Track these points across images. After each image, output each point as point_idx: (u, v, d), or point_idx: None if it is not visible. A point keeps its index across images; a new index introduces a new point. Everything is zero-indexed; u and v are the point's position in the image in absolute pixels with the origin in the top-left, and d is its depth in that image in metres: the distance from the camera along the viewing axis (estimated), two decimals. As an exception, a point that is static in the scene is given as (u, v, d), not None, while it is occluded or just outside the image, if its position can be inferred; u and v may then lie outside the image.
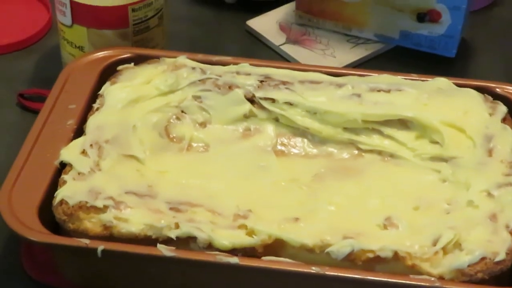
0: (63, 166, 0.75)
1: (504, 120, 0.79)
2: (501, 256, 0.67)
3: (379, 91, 0.81)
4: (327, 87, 0.81)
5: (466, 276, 0.67)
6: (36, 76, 0.98)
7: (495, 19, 1.09)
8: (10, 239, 0.78)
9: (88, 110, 0.80)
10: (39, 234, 0.69)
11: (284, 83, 0.82)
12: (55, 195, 0.72)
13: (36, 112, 0.88)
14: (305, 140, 0.81)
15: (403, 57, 1.01)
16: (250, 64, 0.84)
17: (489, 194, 0.72)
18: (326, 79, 0.82)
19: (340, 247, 0.68)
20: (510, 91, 0.83)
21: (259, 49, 1.02)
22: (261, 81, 0.82)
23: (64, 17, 0.89)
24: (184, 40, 1.02)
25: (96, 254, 0.68)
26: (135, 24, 0.89)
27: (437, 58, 1.00)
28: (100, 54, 0.86)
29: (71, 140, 0.77)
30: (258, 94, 0.81)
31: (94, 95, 0.82)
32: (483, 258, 0.67)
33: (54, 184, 0.73)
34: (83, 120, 0.79)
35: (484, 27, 1.07)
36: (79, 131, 0.78)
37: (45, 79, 0.95)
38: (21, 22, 1.04)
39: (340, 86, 0.81)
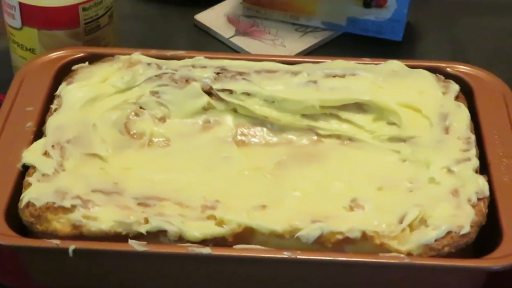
0: (26, 169, 0.74)
1: (457, 98, 0.81)
2: (466, 229, 0.69)
3: (334, 76, 0.82)
4: (283, 75, 0.82)
5: (434, 251, 0.68)
6: (-14, 81, 0.97)
7: (437, 1, 1.11)
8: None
9: (46, 111, 0.80)
10: (8, 237, 0.69)
11: (240, 73, 0.82)
12: (21, 197, 0.71)
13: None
14: (265, 129, 0.81)
15: (351, 43, 1.03)
16: (205, 57, 0.85)
17: (449, 171, 0.74)
18: (282, 67, 0.83)
19: (310, 231, 0.69)
20: (460, 70, 0.85)
21: (209, 43, 1.03)
22: (218, 73, 0.82)
23: (13, 20, 0.88)
24: (133, 38, 1.02)
25: (68, 255, 0.68)
26: (86, 23, 0.89)
27: (385, 43, 1.02)
28: (54, 55, 0.85)
29: (32, 142, 0.76)
30: (216, 86, 0.81)
31: (51, 96, 0.81)
32: (449, 232, 0.69)
33: (19, 187, 0.73)
34: (41, 122, 0.79)
35: (427, 10, 1.09)
36: (39, 133, 0.78)
37: (-5, 84, 0.94)
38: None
39: (295, 74, 0.82)
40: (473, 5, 1.11)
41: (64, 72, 0.84)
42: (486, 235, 0.71)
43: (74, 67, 0.84)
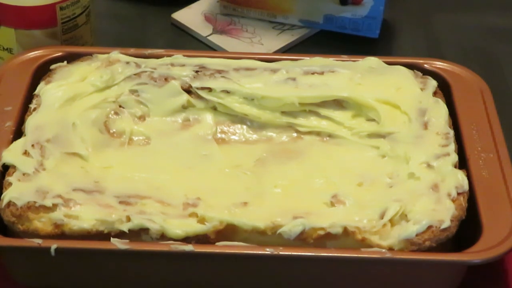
0: (6, 169, 0.74)
1: (435, 94, 0.82)
2: (446, 224, 0.69)
3: (313, 73, 0.83)
4: (262, 73, 0.83)
5: (415, 245, 0.69)
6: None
7: (412, -2, 1.13)
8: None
9: (24, 111, 0.80)
10: (-12, 238, 0.68)
11: (219, 71, 0.82)
12: (1, 197, 0.71)
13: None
14: (244, 126, 0.82)
15: (328, 40, 1.03)
16: (184, 55, 0.85)
17: (429, 166, 0.74)
18: (260, 65, 0.84)
19: (292, 227, 0.69)
20: (438, 66, 0.86)
21: (186, 42, 1.03)
22: (197, 71, 0.82)
23: (-10, 19, 0.88)
24: (111, 37, 1.02)
25: (50, 254, 0.67)
26: (64, 22, 0.88)
27: (361, 40, 1.02)
28: (31, 54, 0.85)
29: (11, 142, 0.76)
30: (195, 84, 0.82)
31: (29, 96, 0.81)
32: (429, 227, 0.69)
33: (-1, 187, 0.72)
34: (21, 122, 0.78)
35: (403, 7, 1.10)
36: (18, 133, 0.77)
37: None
38: None
39: (274, 71, 0.83)
40: (448, 1, 1.12)
41: (42, 72, 0.83)
42: (465, 229, 0.71)
43: (52, 67, 0.83)
